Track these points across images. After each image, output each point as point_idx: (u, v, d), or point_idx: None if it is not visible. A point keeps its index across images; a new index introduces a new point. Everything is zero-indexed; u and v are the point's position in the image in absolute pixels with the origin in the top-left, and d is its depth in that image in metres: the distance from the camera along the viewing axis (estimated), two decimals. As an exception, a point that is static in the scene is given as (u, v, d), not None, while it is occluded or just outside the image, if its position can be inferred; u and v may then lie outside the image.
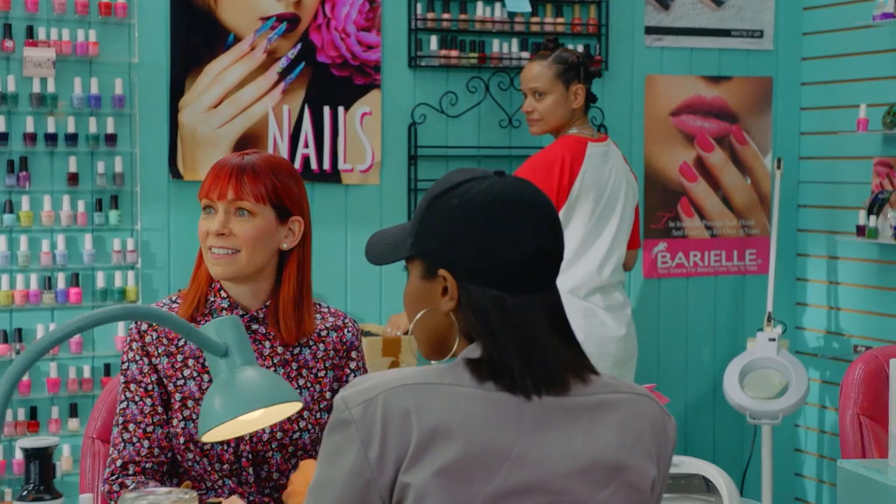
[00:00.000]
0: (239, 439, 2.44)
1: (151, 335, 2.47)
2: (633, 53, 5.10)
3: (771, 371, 4.76)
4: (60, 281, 4.27)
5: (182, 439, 2.44)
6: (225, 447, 2.43)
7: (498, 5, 4.82)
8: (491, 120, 4.87)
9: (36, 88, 4.24)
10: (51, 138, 4.25)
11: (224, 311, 2.47)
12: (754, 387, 4.74)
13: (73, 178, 4.29)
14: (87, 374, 4.29)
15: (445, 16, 4.76)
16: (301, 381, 2.50)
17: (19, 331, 4.24)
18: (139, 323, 2.47)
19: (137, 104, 4.39)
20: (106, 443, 2.66)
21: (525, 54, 4.84)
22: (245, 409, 1.92)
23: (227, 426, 1.96)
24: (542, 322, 1.69)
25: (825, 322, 5.22)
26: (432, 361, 1.78)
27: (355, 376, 2.54)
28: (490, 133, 4.87)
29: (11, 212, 4.24)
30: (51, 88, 4.24)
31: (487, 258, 1.68)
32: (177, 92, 4.43)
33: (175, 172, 4.44)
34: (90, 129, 4.30)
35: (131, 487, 2.41)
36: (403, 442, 1.61)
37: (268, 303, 2.49)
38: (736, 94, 5.26)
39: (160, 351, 2.46)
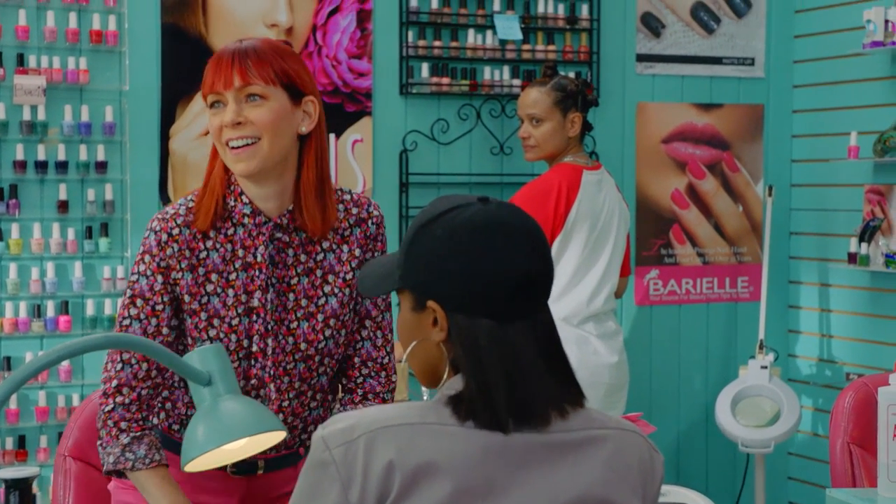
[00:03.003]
0: (264, 355, 2.36)
1: (173, 247, 2.32)
2: (625, 81, 5.10)
3: (762, 399, 4.74)
4: (50, 309, 4.26)
5: None
6: (252, 362, 2.36)
7: (489, 33, 4.83)
8: (482, 147, 4.87)
9: (26, 116, 4.23)
10: (41, 166, 4.24)
11: (246, 218, 2.34)
12: (746, 414, 4.72)
13: (63, 206, 4.28)
14: (75, 402, 4.27)
15: (437, 43, 4.76)
16: (327, 288, 2.39)
17: (8, 359, 4.22)
18: (159, 233, 2.32)
19: (128, 131, 4.39)
20: (78, 460, 2.64)
21: (516, 82, 4.85)
22: (228, 438, 1.91)
23: (210, 455, 1.95)
24: (531, 349, 1.67)
25: (817, 350, 5.21)
26: (424, 392, 1.77)
27: None
28: (481, 160, 4.87)
29: (1, 240, 4.22)
30: (41, 116, 4.24)
31: (474, 287, 1.66)
32: (167, 119, 4.43)
33: (166, 199, 4.43)
34: (80, 156, 4.30)
35: (125, 442, 2.33)
36: (386, 483, 1.60)
37: (290, 207, 2.35)
38: (727, 122, 5.26)
39: (183, 266, 2.32)
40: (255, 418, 1.93)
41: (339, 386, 2.54)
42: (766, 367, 4.78)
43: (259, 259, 2.35)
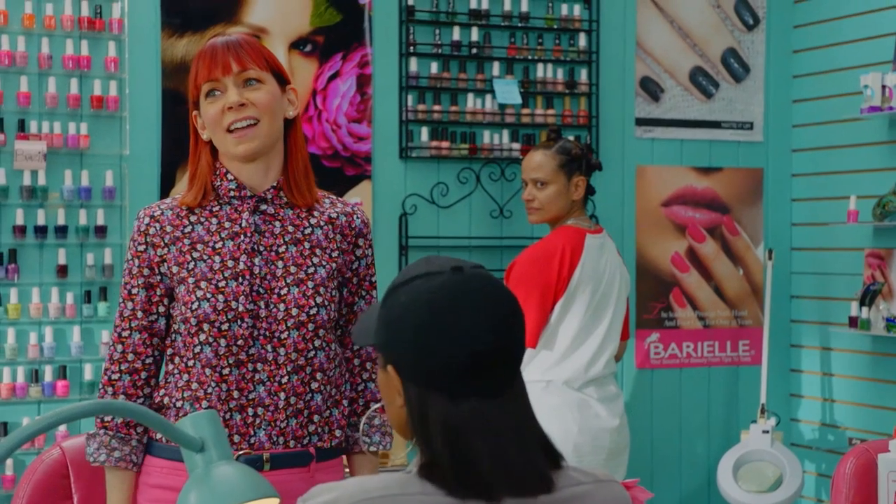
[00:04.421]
0: (255, 317, 2.40)
1: (155, 226, 2.44)
2: (624, 144, 5.12)
3: (765, 464, 4.71)
4: (48, 373, 4.24)
5: (194, 320, 2.39)
6: (240, 322, 2.39)
7: (488, 97, 4.85)
8: (482, 210, 4.88)
9: (27, 181, 4.24)
10: (40, 230, 4.25)
11: (232, 192, 2.45)
12: (748, 480, 4.69)
13: (63, 270, 4.28)
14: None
15: (436, 107, 4.79)
16: (315, 259, 2.47)
17: (5, 425, 4.20)
18: (142, 219, 2.45)
19: (128, 196, 4.40)
20: None
21: (516, 145, 4.87)
22: (221, 505, 1.89)
23: (203, 523, 1.93)
24: (487, 428, 1.63)
25: (819, 414, 5.18)
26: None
27: (360, 265, 2.52)
28: (481, 223, 4.88)
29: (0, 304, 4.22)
30: (41, 181, 4.25)
31: (427, 363, 1.63)
32: (167, 184, 4.45)
33: (165, 264, 4.43)
34: (80, 220, 4.30)
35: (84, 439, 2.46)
36: None
37: (275, 183, 2.46)
38: (727, 185, 5.27)
39: (166, 240, 2.43)
40: (248, 485, 1.91)
41: (348, 390, 2.57)
42: (767, 432, 4.75)
43: (244, 225, 2.45)
